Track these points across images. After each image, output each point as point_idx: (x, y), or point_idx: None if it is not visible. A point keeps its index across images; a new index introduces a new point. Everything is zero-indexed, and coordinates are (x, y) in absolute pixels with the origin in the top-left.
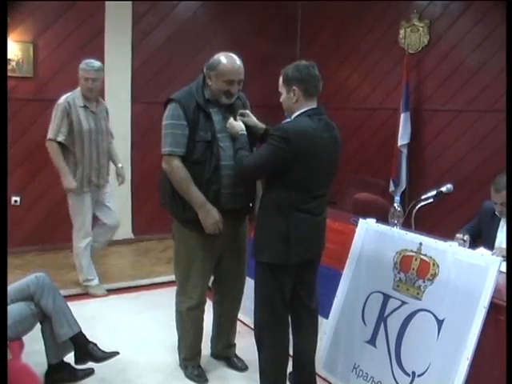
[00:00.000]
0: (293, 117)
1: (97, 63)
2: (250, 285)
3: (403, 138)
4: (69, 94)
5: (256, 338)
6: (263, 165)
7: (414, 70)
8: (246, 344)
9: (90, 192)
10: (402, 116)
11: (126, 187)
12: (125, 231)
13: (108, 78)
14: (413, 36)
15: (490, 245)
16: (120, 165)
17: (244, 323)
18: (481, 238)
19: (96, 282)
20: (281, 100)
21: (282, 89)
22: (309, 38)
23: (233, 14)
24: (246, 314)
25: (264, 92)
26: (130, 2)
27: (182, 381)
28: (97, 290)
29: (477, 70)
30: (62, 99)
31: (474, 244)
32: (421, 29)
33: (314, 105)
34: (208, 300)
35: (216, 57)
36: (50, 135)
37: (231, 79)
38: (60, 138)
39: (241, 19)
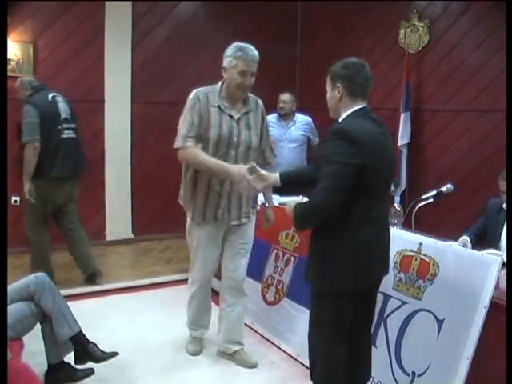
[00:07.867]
0: (340, 119)
1: (256, 51)
2: (253, 287)
3: (403, 137)
4: (201, 88)
5: None
6: None
7: (414, 70)
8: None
9: (215, 226)
10: (402, 116)
11: (126, 187)
12: (125, 231)
13: (108, 78)
14: (413, 36)
15: (494, 243)
16: (270, 204)
17: (245, 324)
18: (487, 237)
19: (195, 334)
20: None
21: (327, 86)
22: (309, 38)
23: (233, 13)
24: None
25: (264, 92)
26: (130, 2)
27: (182, 381)
28: (189, 346)
29: (477, 70)
30: (192, 93)
31: (480, 243)
32: (421, 29)
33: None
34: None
35: None
36: (176, 142)
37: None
38: (190, 143)
39: (241, 19)
